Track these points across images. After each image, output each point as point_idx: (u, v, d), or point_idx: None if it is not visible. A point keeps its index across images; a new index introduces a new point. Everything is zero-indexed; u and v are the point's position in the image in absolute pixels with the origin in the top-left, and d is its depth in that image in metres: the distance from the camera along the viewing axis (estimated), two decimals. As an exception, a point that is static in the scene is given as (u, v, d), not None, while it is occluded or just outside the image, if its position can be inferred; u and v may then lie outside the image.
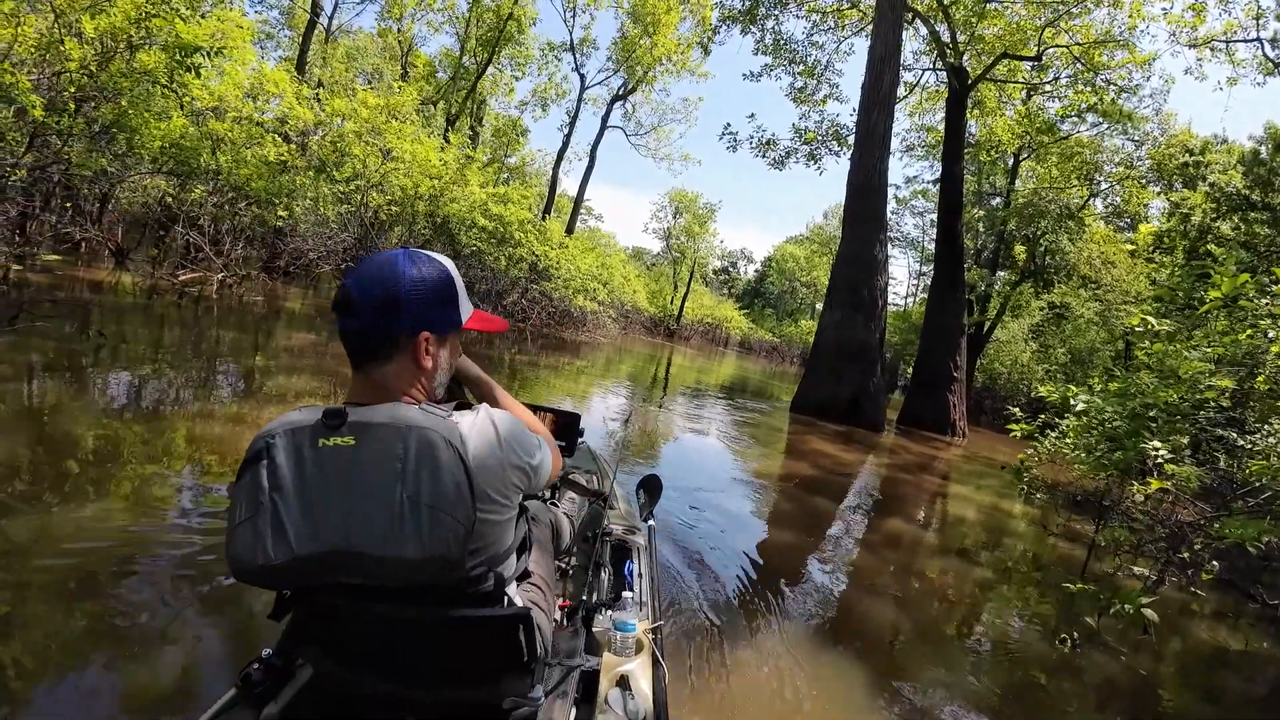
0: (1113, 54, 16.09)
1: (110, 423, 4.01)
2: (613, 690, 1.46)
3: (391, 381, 1.10)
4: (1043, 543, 6.26)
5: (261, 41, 29.42)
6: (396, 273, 1.08)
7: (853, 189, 13.68)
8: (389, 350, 1.09)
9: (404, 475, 0.97)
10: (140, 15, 6.87)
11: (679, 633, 2.90)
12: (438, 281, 1.13)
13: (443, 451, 0.99)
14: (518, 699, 1.18)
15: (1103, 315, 20.39)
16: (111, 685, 1.93)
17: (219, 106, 12.09)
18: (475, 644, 1.13)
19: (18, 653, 1.97)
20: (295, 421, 1.04)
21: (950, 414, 14.96)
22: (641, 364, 20.14)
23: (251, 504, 0.98)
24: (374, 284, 1.07)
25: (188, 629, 2.22)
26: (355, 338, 1.09)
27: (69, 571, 2.40)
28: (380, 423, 1.01)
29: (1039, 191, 20.69)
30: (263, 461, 1.00)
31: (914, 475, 9.01)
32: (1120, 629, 3.86)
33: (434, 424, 1.02)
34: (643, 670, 1.55)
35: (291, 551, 0.96)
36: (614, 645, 1.60)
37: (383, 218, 16.77)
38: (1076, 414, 4.80)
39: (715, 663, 2.74)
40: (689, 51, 28.95)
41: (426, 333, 1.11)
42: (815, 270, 54.76)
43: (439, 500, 0.97)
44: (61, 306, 6.72)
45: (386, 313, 1.07)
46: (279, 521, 0.96)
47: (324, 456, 0.99)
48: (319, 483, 0.98)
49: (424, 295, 1.10)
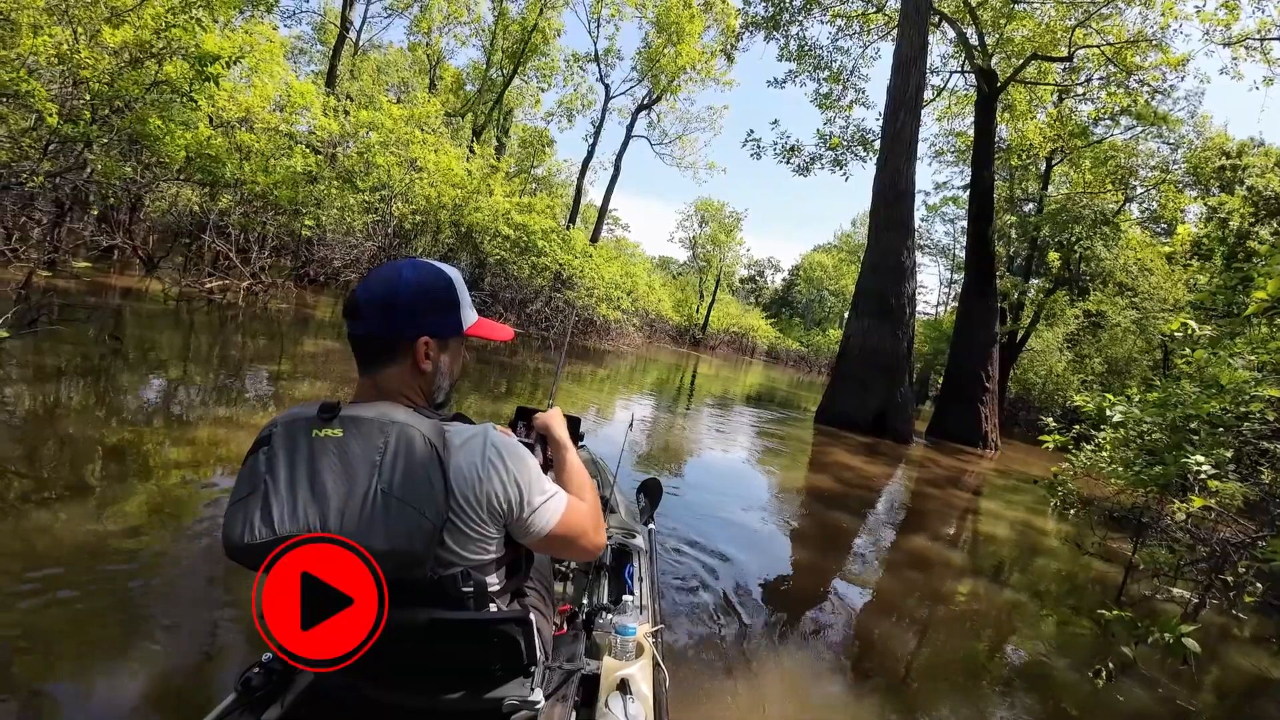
0: (1145, 55, 15.66)
1: (108, 424, 3.98)
2: (613, 694, 1.46)
3: (391, 384, 1.16)
4: (1077, 562, 5.96)
5: (295, 56, 30.15)
6: (398, 279, 1.14)
7: (879, 194, 13.41)
8: (390, 354, 1.15)
9: (380, 467, 1.01)
10: (160, 25, 6.98)
11: (686, 641, 2.87)
12: (438, 288, 1.19)
13: (420, 449, 1.03)
14: (518, 703, 1.18)
15: (1140, 323, 19.75)
16: (112, 689, 1.94)
17: (247, 118, 12.32)
18: (474, 648, 1.13)
19: (19, 654, 1.99)
20: (296, 413, 1.09)
21: (982, 426, 14.56)
22: (666, 373, 19.98)
23: (247, 485, 1.04)
24: (378, 290, 1.13)
25: (188, 633, 2.24)
26: (361, 341, 1.16)
27: (60, 578, 2.37)
28: (367, 417, 1.06)
29: (1073, 197, 20.13)
30: (264, 448, 1.06)
31: (942, 490, 8.72)
32: (1158, 659, 3.61)
33: (417, 422, 1.07)
34: (643, 674, 1.56)
35: (274, 532, 0.99)
36: (614, 649, 1.60)
37: (407, 227, 16.92)
38: (1113, 425, 4.54)
39: (719, 670, 2.70)
40: (713, 60, 28.90)
41: (426, 337, 1.16)
42: (844, 279, 54.21)
43: (407, 494, 1.00)
44: (80, 311, 6.81)
45: (387, 317, 1.13)
46: (267, 503, 1.01)
47: (315, 446, 1.04)
48: (306, 470, 1.03)
49: (423, 301, 1.16)
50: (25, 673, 1.94)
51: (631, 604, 1.76)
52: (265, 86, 13.34)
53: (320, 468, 1.02)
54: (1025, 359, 24.34)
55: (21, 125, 6.75)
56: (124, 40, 7.10)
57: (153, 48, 7.21)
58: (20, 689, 1.88)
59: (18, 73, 5.81)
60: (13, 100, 6.16)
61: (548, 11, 26.35)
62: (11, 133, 6.59)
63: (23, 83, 5.73)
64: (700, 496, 5.57)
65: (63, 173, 7.18)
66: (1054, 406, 22.64)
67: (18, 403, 4.11)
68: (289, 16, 28.10)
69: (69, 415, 4.07)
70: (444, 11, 28.08)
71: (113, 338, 6.14)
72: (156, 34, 7.04)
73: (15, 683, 1.89)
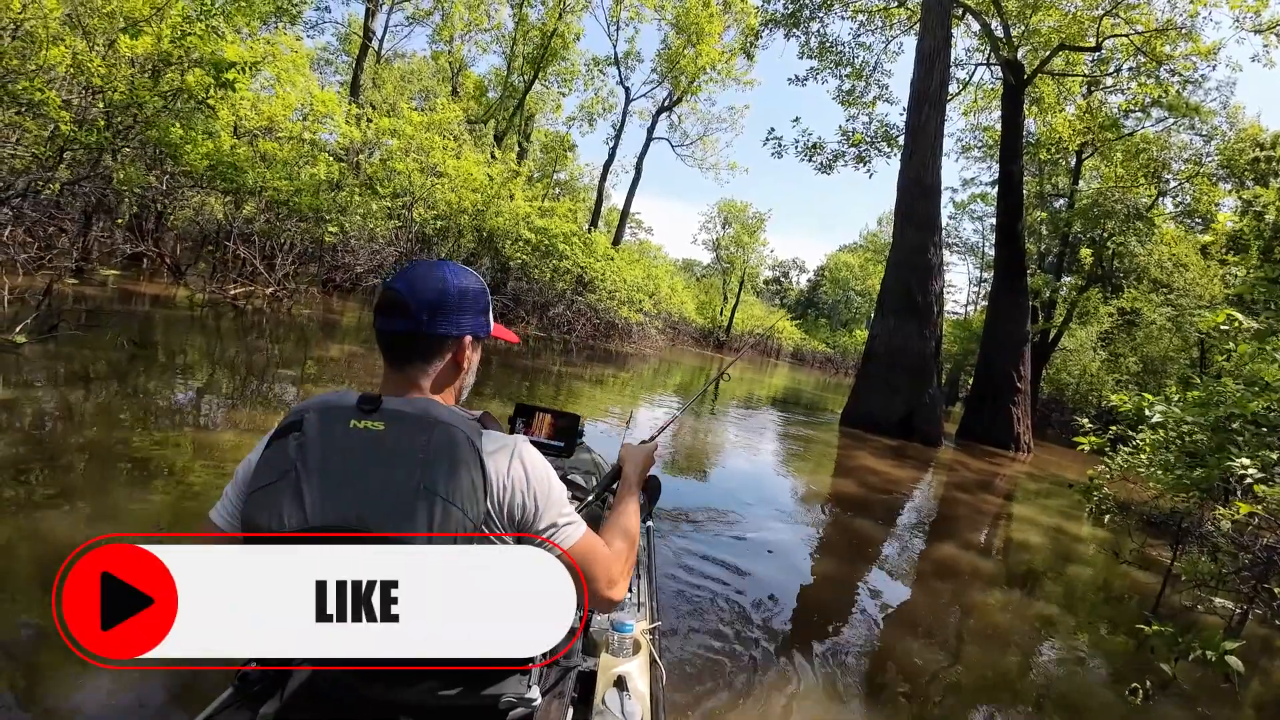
0: (1175, 44, 15.21)
1: (111, 426, 3.98)
2: (610, 691, 1.46)
3: (427, 380, 1.16)
4: (1113, 570, 5.72)
5: (320, 67, 30.60)
6: (447, 280, 1.16)
7: (904, 189, 13.14)
8: (434, 352, 1.16)
9: (424, 464, 1.00)
10: (177, 35, 7.05)
11: (688, 640, 2.85)
12: (479, 291, 1.22)
13: (464, 449, 1.03)
14: (514, 700, 1.17)
15: (1175, 320, 19.13)
16: (108, 683, 1.94)
17: (270, 127, 12.47)
18: None
19: (14, 649, 2.02)
20: (330, 401, 1.09)
21: (1014, 427, 14.18)
22: (689, 376, 19.84)
23: (275, 471, 1.02)
24: (427, 289, 1.14)
25: None
26: (403, 338, 1.15)
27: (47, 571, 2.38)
28: (410, 413, 1.06)
29: (1104, 191, 19.61)
30: (294, 434, 1.04)
31: (972, 494, 8.46)
32: (1198, 675, 3.40)
33: (459, 423, 1.07)
34: (640, 671, 1.55)
35: (305, 521, 0.99)
36: (611, 646, 1.60)
37: (428, 232, 17.02)
38: (1153, 426, 4.32)
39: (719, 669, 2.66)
40: (733, 59, 28.72)
41: (470, 336, 1.19)
42: (870, 279, 53.55)
43: (452, 494, 1.00)
44: (104, 317, 6.90)
45: (442, 316, 1.14)
46: (298, 491, 1.00)
47: (354, 437, 1.03)
48: (344, 461, 1.02)
49: (470, 303, 1.19)
50: (26, 667, 1.96)
51: (629, 601, 1.75)
52: (288, 96, 13.50)
53: (361, 460, 1.02)
54: (1058, 358, 23.76)
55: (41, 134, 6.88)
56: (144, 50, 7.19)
57: (171, 57, 7.29)
58: (19, 683, 1.89)
59: (32, 83, 5.90)
60: (28, 109, 6.26)
61: (567, 16, 26.41)
62: (25, 141, 6.71)
63: (36, 92, 5.82)
64: (719, 500, 5.44)
65: (80, 181, 7.28)
66: (1088, 407, 22.06)
67: (28, 405, 4.13)
68: (312, 27, 28.48)
69: (79, 417, 4.08)
70: (465, 19, 28.27)
71: (131, 343, 6.19)
72: (174, 43, 7.13)
73: (15, 677, 1.91)
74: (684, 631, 2.93)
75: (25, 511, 2.84)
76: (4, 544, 2.54)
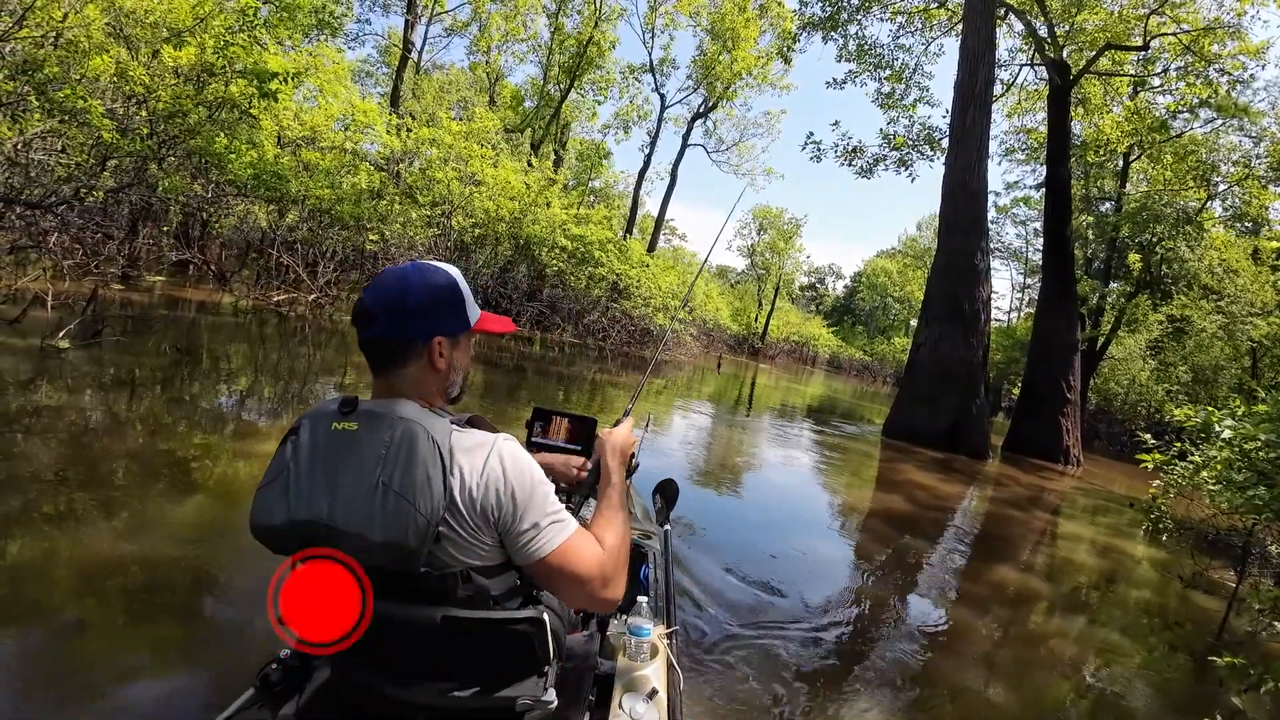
0: (1223, 43, 14.65)
1: (153, 431, 4.03)
2: (627, 695, 1.47)
3: (407, 383, 1.19)
4: (1169, 592, 5.45)
5: (361, 79, 31.26)
6: (407, 283, 1.18)
7: (949, 193, 12.85)
8: (405, 355, 1.18)
9: (384, 461, 1.04)
10: (219, 45, 7.20)
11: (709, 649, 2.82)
12: (444, 289, 1.22)
13: (422, 445, 1.05)
14: (531, 702, 1.18)
15: (1227, 329, 18.32)
16: (130, 683, 1.97)
17: (313, 137, 12.73)
18: (488, 646, 1.14)
19: (38, 650, 2.04)
20: (322, 407, 1.15)
21: (1063, 439, 13.71)
22: (724, 383, 19.68)
23: (274, 472, 1.10)
24: (387, 296, 1.16)
25: (206, 628, 2.29)
26: (373, 345, 1.18)
27: (82, 581, 2.40)
28: (380, 413, 1.10)
29: (1153, 194, 18.94)
30: (292, 438, 1.12)
31: (1022, 510, 8.18)
32: (1268, 708, 3.19)
33: (424, 420, 1.10)
34: (657, 675, 1.56)
35: (288, 515, 1.05)
36: (629, 650, 1.61)
37: (467, 240, 17.21)
38: (1223, 443, 4.09)
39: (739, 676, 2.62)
40: (769, 64, 28.56)
41: (440, 337, 1.20)
42: (909, 285, 52.73)
43: (405, 489, 1.02)
44: (150, 323, 7.06)
45: (401, 321, 1.16)
46: (286, 488, 1.06)
47: (333, 438, 1.09)
48: (322, 460, 1.08)
49: (433, 302, 1.19)
50: (53, 664, 1.98)
51: (647, 605, 1.73)
52: (330, 106, 13.77)
53: (335, 459, 1.07)
54: (1105, 368, 22.95)
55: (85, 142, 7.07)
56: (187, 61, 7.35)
57: (214, 67, 7.48)
58: (53, 681, 1.91)
59: (74, 90, 6.07)
60: (72, 118, 6.45)
61: (602, 25, 26.53)
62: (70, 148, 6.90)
63: (79, 100, 5.99)
64: (754, 514, 5.33)
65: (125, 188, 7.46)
66: (1138, 419, 21.26)
67: (71, 410, 4.20)
68: (353, 40, 29.16)
69: (119, 422, 4.15)
70: (502, 30, 28.61)
71: (174, 349, 6.31)
72: (217, 53, 7.31)
73: (51, 675, 1.93)
74: (708, 642, 2.87)
75: (67, 516, 2.86)
76: (46, 549, 2.56)
